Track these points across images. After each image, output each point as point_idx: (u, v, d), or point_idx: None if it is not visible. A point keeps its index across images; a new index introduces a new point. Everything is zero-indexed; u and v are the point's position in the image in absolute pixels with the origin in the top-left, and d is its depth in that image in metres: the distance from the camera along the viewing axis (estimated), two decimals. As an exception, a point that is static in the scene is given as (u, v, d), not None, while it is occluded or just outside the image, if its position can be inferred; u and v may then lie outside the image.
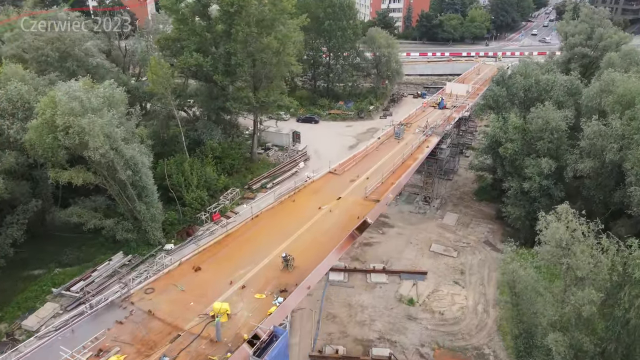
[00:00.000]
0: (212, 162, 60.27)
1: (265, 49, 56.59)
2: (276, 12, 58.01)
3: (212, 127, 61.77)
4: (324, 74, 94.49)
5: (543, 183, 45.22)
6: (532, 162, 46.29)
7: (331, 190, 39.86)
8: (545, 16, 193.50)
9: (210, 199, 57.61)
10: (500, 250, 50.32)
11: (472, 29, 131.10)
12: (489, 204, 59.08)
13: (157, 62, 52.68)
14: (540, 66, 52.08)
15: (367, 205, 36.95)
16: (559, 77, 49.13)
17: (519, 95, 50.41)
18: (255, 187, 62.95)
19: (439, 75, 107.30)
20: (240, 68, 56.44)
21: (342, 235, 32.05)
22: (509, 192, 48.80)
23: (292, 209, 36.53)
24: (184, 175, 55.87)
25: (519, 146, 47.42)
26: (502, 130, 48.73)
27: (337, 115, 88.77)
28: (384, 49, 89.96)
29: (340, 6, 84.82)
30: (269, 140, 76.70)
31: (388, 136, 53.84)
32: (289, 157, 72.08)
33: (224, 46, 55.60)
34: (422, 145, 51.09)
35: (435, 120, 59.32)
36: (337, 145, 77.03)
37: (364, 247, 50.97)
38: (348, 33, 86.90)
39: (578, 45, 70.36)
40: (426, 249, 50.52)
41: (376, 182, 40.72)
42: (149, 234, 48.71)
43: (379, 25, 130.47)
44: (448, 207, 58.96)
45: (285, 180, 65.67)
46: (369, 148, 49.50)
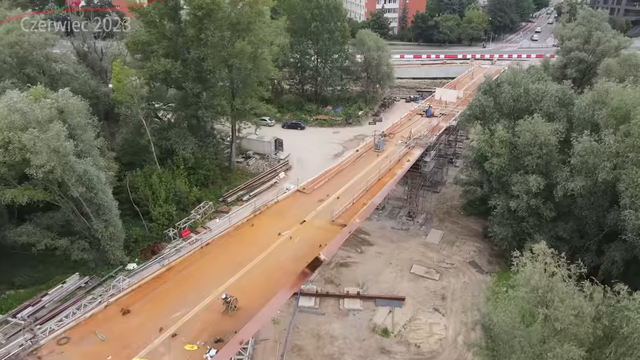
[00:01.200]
0: (184, 173, 56.93)
1: (238, 54, 53.15)
2: (252, 15, 54.58)
3: (186, 136, 58.33)
4: (311, 78, 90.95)
5: (531, 202, 41.67)
6: (519, 179, 42.74)
7: (296, 212, 36.43)
8: (546, 17, 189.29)
9: (181, 213, 54.32)
10: (487, 272, 46.99)
11: (468, 30, 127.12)
12: (478, 219, 55.50)
13: (121, 68, 49.26)
14: (530, 74, 48.46)
15: (332, 230, 33.53)
16: (549, 87, 45.51)
17: (507, 105, 46.83)
18: (231, 199, 59.58)
19: (432, 79, 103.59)
20: (212, 74, 52.99)
21: (298, 268, 28.65)
22: (495, 211, 45.26)
23: (249, 235, 33.13)
24: (152, 188, 52.55)
25: (505, 161, 43.87)
26: (488, 143, 45.20)
27: (324, 121, 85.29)
28: (374, 52, 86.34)
29: (327, 7, 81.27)
30: (250, 148, 73.29)
31: (368, 148, 50.36)
32: (270, 166, 68.69)
33: (194, 51, 52.15)
34: (402, 159, 47.59)
35: (420, 130, 55.81)
36: (321, 154, 73.63)
37: (339, 267, 47.53)
38: (336, 35, 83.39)
39: (574, 50, 66.82)
40: (407, 270, 47.03)
41: (346, 203, 37.28)
42: (109, 254, 45.43)
43: (373, 26, 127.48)
44: (433, 223, 55.42)
45: (263, 191, 62.36)
46: (345, 162, 46.04)
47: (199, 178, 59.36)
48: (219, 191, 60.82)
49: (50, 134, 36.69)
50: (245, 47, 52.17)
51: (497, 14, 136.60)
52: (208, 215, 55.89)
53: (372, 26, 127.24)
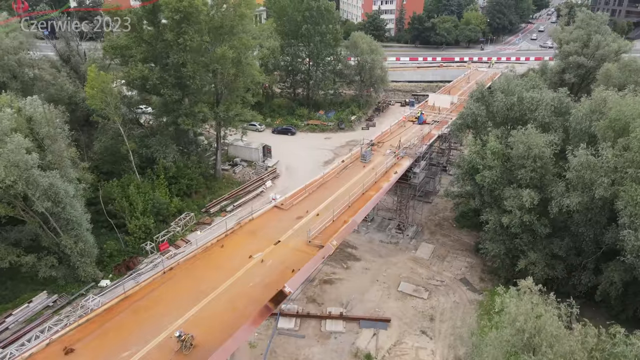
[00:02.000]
0: (165, 183, 54.59)
1: (220, 60, 50.81)
2: (234, 19, 52.25)
3: (168, 144, 56.01)
4: (303, 82, 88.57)
5: (525, 218, 39.20)
6: (512, 193, 40.29)
7: (271, 231, 34.03)
8: (546, 18, 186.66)
9: (160, 225, 52.01)
10: (479, 290, 44.55)
11: (466, 32, 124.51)
12: (471, 232, 53.11)
13: (96, 74, 46.95)
14: (524, 81, 46.00)
15: (308, 252, 31.13)
16: (545, 95, 43.06)
17: (500, 114, 44.41)
18: (214, 210, 57.22)
19: (428, 82, 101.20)
20: (193, 80, 50.65)
21: (266, 296, 26.28)
22: (487, 226, 42.80)
23: (217, 258, 30.74)
24: (129, 199, 50.25)
25: (498, 174, 41.42)
26: (479, 155, 42.77)
27: (316, 126, 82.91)
28: (367, 55, 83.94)
29: (318, 9, 78.89)
30: (237, 155, 70.96)
31: (354, 158, 47.92)
32: (257, 175, 66.34)
33: (173, 56, 49.80)
34: (389, 170, 45.16)
35: (411, 138, 53.40)
36: (311, 161, 71.31)
37: (323, 285, 45.14)
38: (327, 38, 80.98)
39: (573, 54, 64.35)
40: (394, 288, 44.62)
41: (326, 220, 34.86)
42: (79, 270, 43.11)
43: (369, 28, 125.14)
44: (424, 236, 52.98)
45: (248, 201, 60.03)
46: (328, 174, 43.59)
47: (180, 188, 57.03)
48: (203, 201, 58.48)
49: (9, 147, 34.37)
50: (226, 52, 49.82)
51: (496, 15, 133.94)
52: (189, 227, 53.56)
53: (368, 28, 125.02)
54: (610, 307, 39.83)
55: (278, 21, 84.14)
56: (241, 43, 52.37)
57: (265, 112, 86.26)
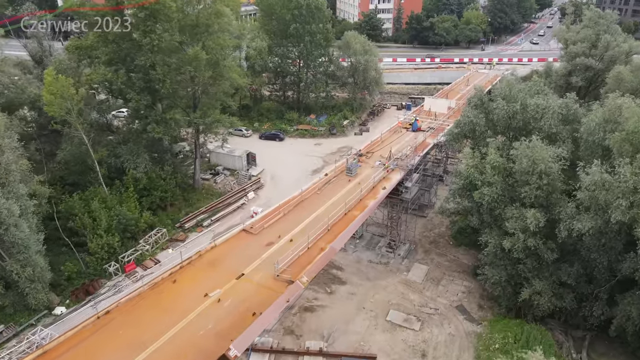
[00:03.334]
0: (134, 196, 49.94)
1: (193, 61, 46.18)
2: (209, 17, 47.62)
3: (139, 153, 51.31)
4: (293, 84, 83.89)
5: (529, 242, 34.45)
6: (515, 213, 35.55)
7: (235, 262, 29.39)
8: (549, 17, 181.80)
9: (129, 243, 47.42)
10: (477, 320, 39.82)
11: (466, 32, 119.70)
12: (469, 251, 48.40)
13: (54, 77, 42.33)
14: (528, 86, 41.28)
15: (275, 289, 26.50)
16: (551, 102, 38.33)
17: (502, 123, 39.69)
18: (190, 225, 52.52)
19: (426, 84, 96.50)
20: (163, 84, 45.99)
21: (219, 348, 21.63)
22: (487, 250, 38.05)
23: (167, 296, 26.09)
24: (92, 215, 45.65)
25: (498, 191, 36.67)
26: (478, 170, 38.04)
27: (306, 132, 78.20)
28: (361, 56, 79.23)
29: (308, 8, 74.19)
30: (220, 163, 66.29)
31: (339, 171, 43.26)
32: (239, 185, 61.66)
33: (140, 58, 45.15)
34: (377, 185, 40.50)
35: (403, 148, 48.75)
36: (299, 169, 66.64)
37: (303, 313, 40.46)
38: (318, 38, 76.25)
39: (580, 55, 59.54)
40: (382, 317, 39.93)
41: (300, 247, 30.20)
42: (29, 297, 38.46)
43: (365, 27, 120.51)
44: (417, 255, 48.26)
45: (228, 215, 55.40)
46: (308, 190, 38.93)
47: (153, 201, 52.32)
48: (178, 215, 53.78)
49: None
50: (199, 53, 45.18)
51: (497, 14, 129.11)
52: (160, 245, 48.90)
53: (364, 27, 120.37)
54: (627, 343, 35.18)
55: (266, 20, 79.58)
56: (217, 43, 47.69)
57: (252, 116, 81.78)
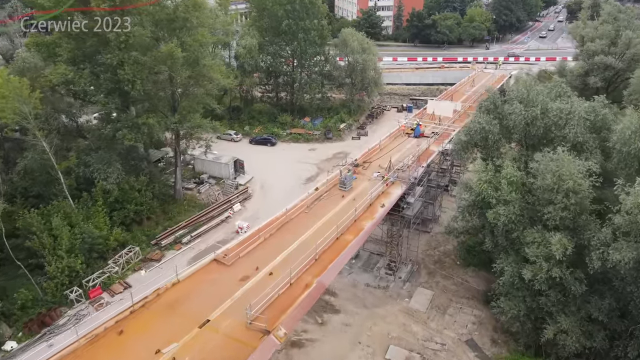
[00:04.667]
0: (104, 210, 44.65)
1: (167, 60, 40.90)
2: (186, 9, 42.35)
3: (110, 162, 45.97)
4: (286, 85, 78.53)
5: (553, 272, 29.14)
6: (536, 237, 30.27)
7: (200, 303, 24.07)
8: (554, 16, 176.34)
9: (95, 264, 42.20)
10: (490, 357, 34.44)
11: (470, 29, 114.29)
12: (478, 272, 43.12)
13: (5, 79, 37.08)
14: (548, 87, 35.98)
15: (245, 342, 21.19)
16: (576, 106, 33.01)
17: (518, 130, 34.34)
18: (167, 242, 47.17)
19: (428, 85, 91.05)
20: (132, 85, 40.65)
21: None
22: (502, 279, 32.72)
23: (108, 353, 20.72)
24: (53, 233, 40.38)
25: (516, 211, 31.36)
26: (492, 185, 32.69)
27: (300, 136, 72.85)
28: (358, 55, 73.88)
29: (301, 2, 68.88)
30: (205, 171, 60.94)
31: (331, 185, 37.89)
32: (225, 195, 56.31)
33: (105, 55, 39.80)
34: (375, 202, 35.17)
35: (404, 156, 43.47)
36: (291, 177, 61.31)
37: (290, 349, 35.10)
38: (312, 35, 70.89)
39: (599, 53, 54.18)
40: (380, 354, 34.61)
41: (281, 284, 24.89)
42: (-27, 332, 33.29)
43: (364, 25, 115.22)
44: (420, 278, 42.92)
45: (211, 230, 50.11)
46: (294, 210, 33.55)
47: (126, 215, 46.98)
48: (155, 230, 48.44)
49: None
50: (174, 51, 39.86)
51: (502, 11, 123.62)
52: (131, 266, 43.59)
53: (363, 25, 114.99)
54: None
55: (258, 16, 74.29)
56: (194, 40, 42.41)
57: (243, 119, 76.49)
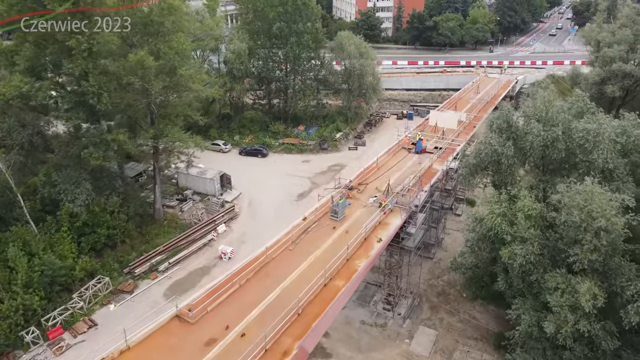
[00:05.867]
0: (70, 236, 40.09)
1: (137, 69, 36.32)
2: (161, 13, 37.81)
3: (79, 182, 41.40)
4: (279, 91, 73.92)
5: (581, 326, 24.58)
6: (559, 282, 25.74)
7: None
8: (558, 16, 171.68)
9: (58, 298, 37.68)
10: (502, 415, 29.77)
11: (473, 32, 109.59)
12: (487, 307, 38.55)
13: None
14: (569, 103, 31.36)
15: None
16: (605, 126, 28.42)
17: (536, 153, 29.73)
18: (142, 270, 42.60)
19: (430, 91, 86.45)
20: (98, 99, 36.05)
21: None
22: (519, 328, 28.11)
23: None
24: (8, 265, 35.87)
25: (536, 250, 26.76)
26: (506, 219, 28.09)
27: (293, 146, 68.22)
28: (355, 60, 69.30)
29: (294, 4, 64.28)
30: (190, 186, 56.31)
31: (321, 214, 33.24)
32: (209, 214, 51.73)
33: (68, 65, 35.23)
34: (371, 234, 30.56)
35: (404, 176, 38.93)
36: (282, 192, 56.72)
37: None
38: (305, 39, 66.27)
39: (617, 60, 49.58)
40: (377, 411, 30.03)
41: (255, 351, 20.27)
42: None
43: (363, 27, 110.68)
44: (422, 314, 38.31)
45: (191, 254, 45.56)
46: (276, 247, 28.90)
47: (97, 240, 42.39)
48: (129, 256, 43.84)
49: None
50: (144, 59, 35.28)
51: (507, 12, 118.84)
52: (99, 299, 39.03)
53: (362, 27, 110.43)
54: None
55: (248, 19, 69.73)
56: (169, 47, 37.84)
57: (233, 128, 71.85)
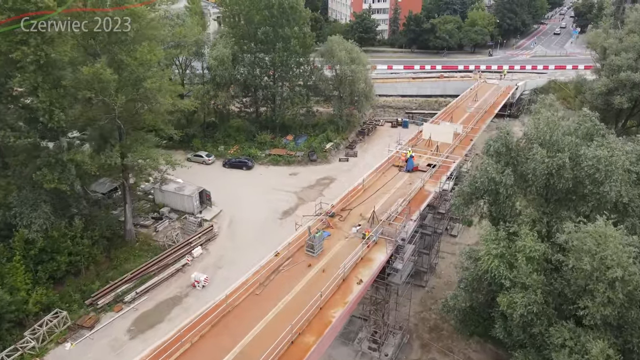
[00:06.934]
0: (22, 267, 36.32)
1: (95, 83, 32.59)
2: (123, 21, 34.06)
3: (37, 204, 37.70)
4: (266, 99, 70.14)
5: (592, 392, 20.85)
6: (567, 338, 21.96)
7: None
8: (559, 17, 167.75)
9: (6, 336, 33.96)
10: None
11: (471, 34, 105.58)
12: (484, 344, 34.73)
13: None
14: (576, 123, 27.53)
15: None
16: (618, 153, 24.61)
17: (539, 182, 25.91)
18: (105, 300, 38.87)
19: (426, 97, 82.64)
20: (49, 116, 32.31)
21: None
22: (519, 387, 24.35)
23: None
24: (-51, 302, 32.22)
25: (539, 299, 22.98)
26: (504, 261, 24.29)
27: (280, 157, 64.45)
28: (346, 66, 65.52)
29: (280, 7, 60.51)
30: (167, 203, 52.57)
31: (295, 249, 29.40)
32: (186, 234, 47.99)
33: (13, 80, 31.54)
34: (352, 272, 26.78)
35: (393, 200, 35.18)
36: (266, 209, 53.04)
37: None
38: (292, 44, 62.48)
39: (625, 69, 45.78)
40: None
41: None
42: None
43: (357, 29, 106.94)
44: (412, 353, 34.54)
45: (162, 282, 41.85)
46: (239, 292, 25.09)
47: (57, 268, 38.69)
48: (92, 285, 40.09)
49: None
50: (100, 72, 31.54)
51: (506, 14, 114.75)
52: (55, 337, 35.33)
53: (356, 30, 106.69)
54: None
55: (233, 22, 66.00)
56: (132, 58, 34.09)
57: (218, 138, 68.14)
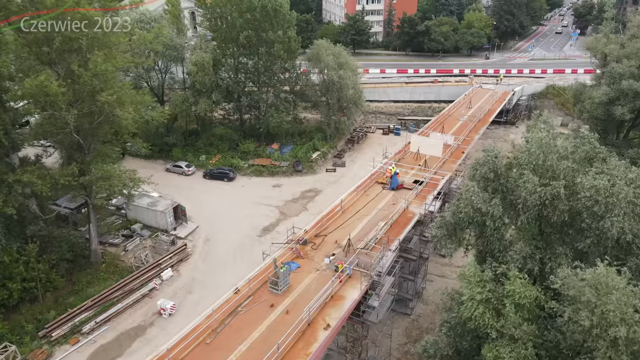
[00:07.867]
0: (-31, 296, 33.29)
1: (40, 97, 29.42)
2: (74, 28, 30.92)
3: (-11, 226, 34.67)
4: (249, 106, 66.92)
5: None
6: (562, 402, 18.74)
7: None
8: (559, 18, 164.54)
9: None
10: None
11: (468, 37, 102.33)
12: (472, 384, 31.39)
13: None
14: (572, 145, 24.35)
15: None
16: (620, 184, 21.34)
17: (531, 213, 22.68)
18: (61, 332, 35.63)
19: (419, 102, 79.50)
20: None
21: None
22: None
23: None
24: None
25: (529, 353, 19.76)
26: (490, 307, 21.06)
27: (264, 168, 61.24)
28: (333, 71, 62.31)
29: (263, 10, 57.29)
30: (140, 219, 49.36)
31: (258, 285, 26.16)
32: (156, 254, 44.79)
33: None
34: (317, 317, 23.57)
35: (373, 223, 31.99)
36: (245, 226, 49.88)
37: None
38: (276, 49, 59.25)
39: (627, 77, 42.53)
40: None
41: None
42: None
43: (350, 31, 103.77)
44: (394, 394, 31.35)
45: (126, 309, 38.61)
46: (187, 341, 21.90)
47: (8, 296, 35.53)
48: (48, 314, 36.85)
49: None
50: (46, 85, 28.37)
51: (504, 16, 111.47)
52: (2, 374, 32.12)
53: (349, 32, 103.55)
54: None
55: (214, 25, 62.77)
56: (86, 68, 30.91)
57: (200, 147, 64.96)
